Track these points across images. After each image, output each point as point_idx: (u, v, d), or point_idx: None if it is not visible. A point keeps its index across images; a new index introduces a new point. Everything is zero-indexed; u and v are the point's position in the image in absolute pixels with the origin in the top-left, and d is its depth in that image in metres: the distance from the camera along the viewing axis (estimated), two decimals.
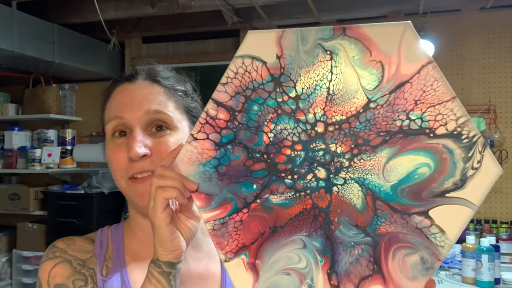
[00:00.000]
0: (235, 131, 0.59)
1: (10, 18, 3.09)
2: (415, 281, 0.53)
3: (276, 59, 0.57)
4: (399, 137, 0.53)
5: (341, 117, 0.55)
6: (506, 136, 3.21)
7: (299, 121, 0.57)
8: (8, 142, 3.97)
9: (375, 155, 0.54)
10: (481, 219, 3.18)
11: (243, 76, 0.58)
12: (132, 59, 4.07)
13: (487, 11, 3.25)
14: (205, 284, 0.79)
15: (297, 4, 3.31)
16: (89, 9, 3.25)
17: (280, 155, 0.57)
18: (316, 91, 0.56)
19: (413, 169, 0.53)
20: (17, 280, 3.72)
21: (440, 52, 3.24)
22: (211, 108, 0.60)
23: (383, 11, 3.38)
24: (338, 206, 0.55)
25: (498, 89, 3.24)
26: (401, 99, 0.53)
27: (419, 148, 0.53)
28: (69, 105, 4.14)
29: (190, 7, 3.17)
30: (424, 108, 0.53)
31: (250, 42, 0.58)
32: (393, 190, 0.54)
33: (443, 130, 0.52)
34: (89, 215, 3.40)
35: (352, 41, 0.54)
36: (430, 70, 0.53)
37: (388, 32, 0.53)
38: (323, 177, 0.56)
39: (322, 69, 0.55)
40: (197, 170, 0.61)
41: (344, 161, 0.55)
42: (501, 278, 2.22)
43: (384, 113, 0.54)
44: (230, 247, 0.59)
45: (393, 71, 0.53)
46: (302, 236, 0.56)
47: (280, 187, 0.57)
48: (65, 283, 0.75)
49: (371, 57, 0.54)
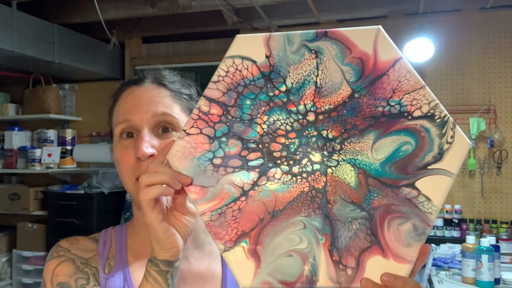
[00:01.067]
0: (229, 125, 0.61)
1: (10, 18, 3.09)
2: (410, 247, 0.58)
3: (265, 58, 0.61)
4: (382, 121, 0.60)
5: (329, 106, 0.61)
6: (506, 136, 3.21)
7: (291, 112, 0.61)
8: (8, 142, 3.97)
9: (363, 138, 0.60)
10: (481, 219, 3.18)
11: (234, 74, 0.62)
12: (132, 59, 4.07)
13: (487, 11, 3.25)
14: (206, 283, 0.80)
15: (297, 4, 3.32)
16: (89, 9, 3.25)
17: (274, 143, 0.61)
18: (304, 85, 0.61)
19: (397, 147, 0.59)
20: (17, 280, 3.72)
21: (440, 52, 3.24)
22: (203, 104, 0.62)
23: (383, 11, 3.38)
24: (333, 186, 0.60)
25: (498, 89, 3.24)
26: (380, 89, 0.60)
27: (400, 129, 0.59)
28: (69, 105, 4.14)
29: (190, 7, 3.17)
30: (401, 95, 0.60)
31: (239, 44, 0.62)
32: (382, 167, 0.60)
33: (419, 112, 0.59)
34: (89, 215, 3.40)
35: (333, 42, 0.61)
36: (403, 64, 0.60)
37: (364, 34, 0.61)
38: (318, 160, 0.60)
39: (308, 66, 0.61)
40: (191, 164, 0.62)
41: (336, 145, 0.60)
42: (501, 278, 2.22)
43: (367, 101, 0.60)
44: (230, 236, 0.60)
45: (371, 66, 0.60)
46: (302, 217, 0.60)
47: (276, 173, 0.61)
48: (67, 281, 0.76)
49: (351, 55, 0.60)
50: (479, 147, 3.24)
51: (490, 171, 3.23)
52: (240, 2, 3.14)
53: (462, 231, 3.09)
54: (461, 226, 3.12)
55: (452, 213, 3.14)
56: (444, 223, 3.14)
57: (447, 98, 3.25)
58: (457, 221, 3.13)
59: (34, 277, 3.65)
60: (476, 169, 3.25)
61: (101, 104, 4.65)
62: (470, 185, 3.27)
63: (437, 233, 3.13)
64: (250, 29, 3.68)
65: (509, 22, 3.23)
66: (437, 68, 3.30)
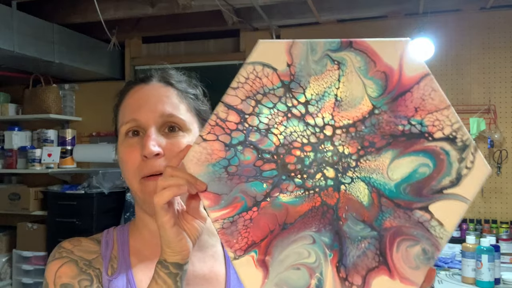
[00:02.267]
0: (245, 133, 0.61)
1: (10, 18, 3.09)
2: (418, 270, 0.57)
3: (286, 67, 0.60)
4: (402, 140, 0.58)
5: (348, 122, 0.59)
6: (506, 136, 3.21)
7: (308, 124, 0.60)
8: (8, 142, 3.97)
9: (379, 156, 0.58)
10: (481, 219, 3.18)
11: (254, 81, 0.61)
12: (132, 59, 4.07)
13: (487, 11, 3.25)
14: (210, 284, 0.80)
15: (297, 4, 3.32)
16: (89, 9, 3.25)
17: (290, 156, 0.60)
18: (324, 97, 0.59)
19: (415, 168, 0.58)
20: (17, 280, 3.72)
21: (440, 52, 3.24)
22: (221, 111, 0.62)
23: (383, 11, 3.38)
24: (345, 203, 0.59)
25: (498, 89, 3.24)
26: (403, 106, 0.58)
27: (419, 150, 0.58)
28: (69, 105, 4.14)
29: (190, 7, 3.17)
30: (423, 114, 0.58)
31: (261, 50, 0.61)
32: (396, 188, 0.58)
33: (440, 134, 0.57)
34: (89, 215, 3.40)
35: (358, 53, 0.59)
36: (428, 81, 0.58)
37: (391, 46, 0.59)
38: (332, 176, 0.59)
39: (330, 78, 0.59)
40: (206, 171, 0.62)
41: (351, 161, 0.59)
42: (501, 278, 2.22)
43: (388, 118, 0.58)
44: (240, 245, 0.60)
45: (395, 81, 0.58)
46: (312, 232, 0.59)
47: (290, 186, 0.60)
48: (71, 283, 0.76)
49: (376, 68, 0.58)
50: (479, 147, 3.22)
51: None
52: (240, 2, 3.14)
53: (462, 231, 3.09)
54: (461, 226, 3.12)
55: None
56: None
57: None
58: None
59: (34, 277, 3.65)
60: None
61: (101, 104, 4.66)
62: None
63: None
64: (250, 29, 3.68)
65: (509, 22, 3.23)
66: (437, 68, 3.30)
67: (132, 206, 3.38)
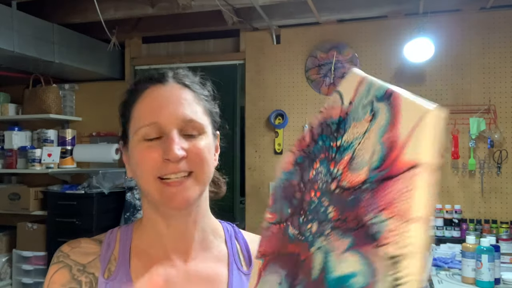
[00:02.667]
0: (304, 157, 0.62)
1: (10, 18, 3.09)
2: None
3: (349, 104, 0.56)
4: (362, 232, 0.49)
5: (347, 184, 0.53)
6: (506, 136, 3.21)
7: (329, 171, 0.57)
8: (8, 142, 3.97)
9: (343, 238, 0.51)
10: (481, 219, 3.18)
11: (328, 109, 0.60)
12: (132, 59, 4.07)
13: (487, 11, 3.25)
14: (212, 285, 0.81)
15: (297, 4, 3.32)
16: (89, 9, 3.25)
17: (307, 193, 0.60)
18: (348, 148, 0.54)
19: (351, 273, 0.49)
20: (17, 280, 3.72)
21: (440, 52, 3.24)
22: (307, 128, 0.63)
23: (383, 11, 3.38)
24: (306, 267, 0.55)
25: (498, 89, 3.24)
26: (381, 193, 0.48)
27: (365, 252, 0.48)
28: (69, 105, 4.14)
29: (190, 7, 3.17)
30: (388, 215, 0.47)
31: (349, 78, 0.58)
32: (335, 283, 0.50)
33: (387, 249, 0.46)
34: (89, 215, 3.40)
35: (389, 108, 0.51)
36: (418, 175, 0.46)
37: (413, 109, 0.48)
38: (314, 232, 0.56)
39: (361, 128, 0.53)
40: (279, 176, 0.66)
41: (328, 228, 0.53)
42: (501, 278, 2.22)
43: (367, 200, 0.50)
44: (260, 248, 0.65)
45: (393, 158, 0.49)
46: (283, 273, 0.60)
47: (295, 221, 0.61)
48: None
49: (391, 132, 0.49)
50: (479, 147, 3.24)
51: (490, 171, 3.23)
52: (240, 2, 3.14)
53: (462, 231, 3.09)
54: (461, 226, 3.12)
55: (452, 213, 3.14)
56: (444, 223, 3.14)
57: (447, 98, 3.25)
58: (457, 221, 3.13)
59: (34, 277, 3.65)
60: (476, 169, 3.25)
61: (101, 104, 4.66)
62: (470, 185, 3.27)
63: (437, 233, 3.13)
64: (250, 29, 3.68)
65: (509, 22, 3.23)
66: (437, 68, 3.30)
67: (132, 206, 3.38)
